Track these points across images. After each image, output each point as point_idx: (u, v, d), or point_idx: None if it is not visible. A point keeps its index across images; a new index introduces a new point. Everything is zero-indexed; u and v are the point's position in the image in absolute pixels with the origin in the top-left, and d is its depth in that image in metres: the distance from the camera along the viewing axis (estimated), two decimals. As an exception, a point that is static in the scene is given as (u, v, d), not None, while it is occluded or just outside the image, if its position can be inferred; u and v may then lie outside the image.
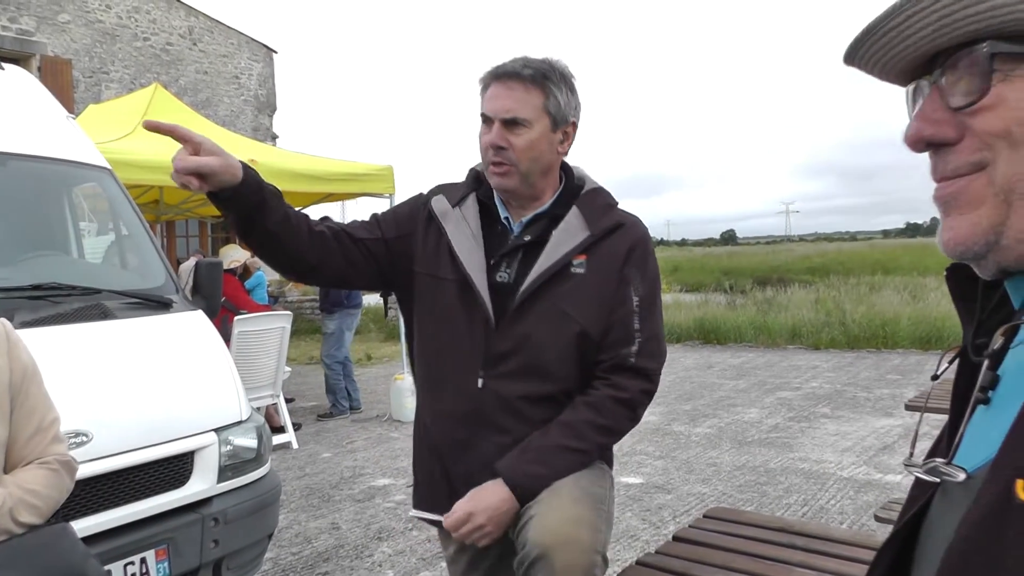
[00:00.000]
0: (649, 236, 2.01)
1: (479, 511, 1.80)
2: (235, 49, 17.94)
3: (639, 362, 1.90)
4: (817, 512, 4.73)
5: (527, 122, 1.86)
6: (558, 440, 1.84)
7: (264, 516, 3.11)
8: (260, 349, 6.42)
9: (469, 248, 1.93)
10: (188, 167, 1.65)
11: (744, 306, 15.61)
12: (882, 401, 7.87)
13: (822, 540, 2.51)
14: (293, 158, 8.06)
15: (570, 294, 1.88)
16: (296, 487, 5.53)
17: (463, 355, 1.91)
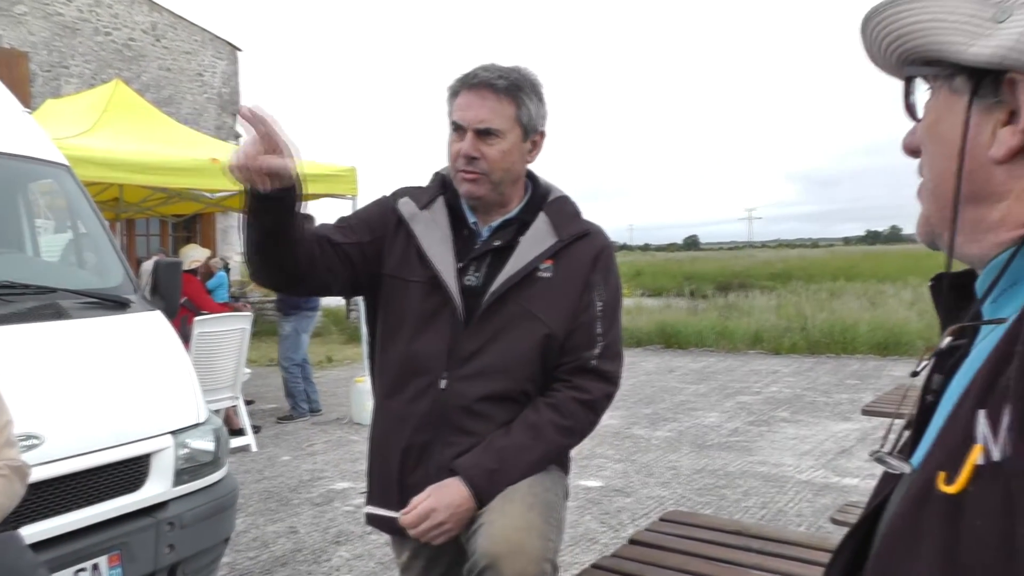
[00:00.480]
0: (612, 244, 2.07)
1: (440, 507, 1.81)
2: (199, 46, 17.73)
3: (601, 365, 1.93)
4: (775, 515, 4.79)
5: (500, 133, 1.88)
6: (519, 440, 1.86)
7: (221, 520, 3.07)
8: (220, 350, 6.35)
9: (440, 250, 1.95)
10: (272, 167, 1.65)
11: (706, 311, 15.77)
12: (841, 406, 7.99)
13: (777, 543, 2.55)
14: (256, 157, 7.98)
15: (538, 297, 1.91)
16: (254, 490, 5.48)
17: (429, 357, 1.92)
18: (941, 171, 0.76)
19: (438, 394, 1.90)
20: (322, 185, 7.89)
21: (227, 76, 18.31)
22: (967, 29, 0.71)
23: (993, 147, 0.71)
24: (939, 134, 0.77)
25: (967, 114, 0.72)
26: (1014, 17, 0.69)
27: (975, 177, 0.73)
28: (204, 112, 17.64)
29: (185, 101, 17.27)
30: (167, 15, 17.03)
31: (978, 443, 0.61)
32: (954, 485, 0.62)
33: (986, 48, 0.69)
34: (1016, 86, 0.69)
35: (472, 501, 1.82)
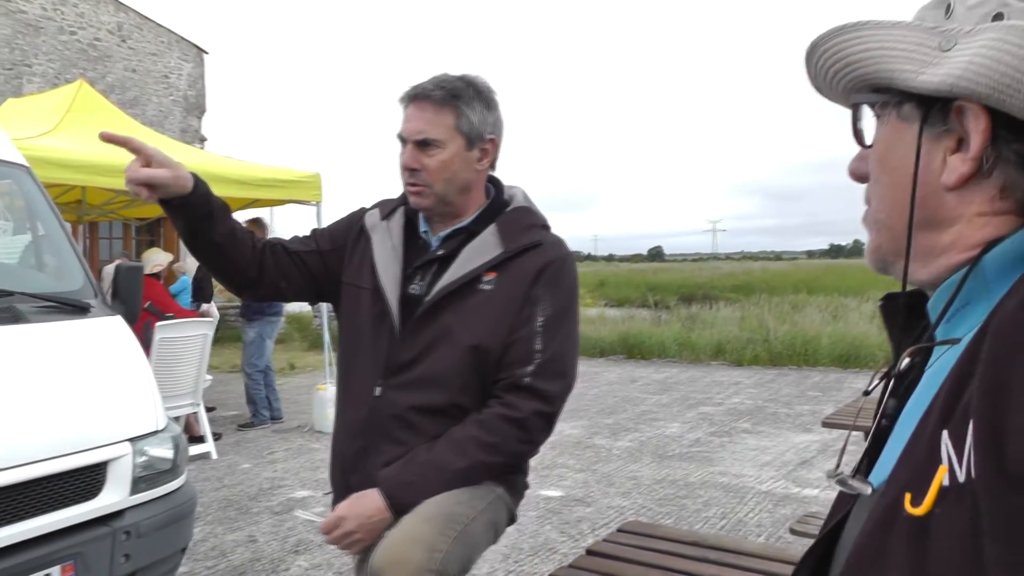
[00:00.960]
0: (568, 258, 2.01)
1: (350, 517, 1.82)
2: (165, 48, 17.54)
3: (535, 382, 1.87)
4: (735, 525, 4.82)
5: (439, 143, 1.89)
6: (440, 455, 1.84)
7: (178, 529, 3.04)
8: (181, 356, 6.28)
9: (387, 259, 1.98)
10: (139, 178, 1.74)
11: (669, 322, 15.78)
12: (802, 417, 8.05)
13: (735, 554, 2.57)
14: (220, 162, 7.92)
15: (474, 310, 1.89)
16: (214, 498, 5.42)
17: (368, 363, 1.95)
18: (893, 200, 0.78)
19: (374, 401, 1.92)
20: (286, 191, 7.86)
21: (193, 79, 18.13)
22: (915, 57, 0.73)
23: (944, 174, 0.73)
24: (890, 163, 0.78)
25: (919, 142, 0.74)
26: (959, 46, 0.70)
27: (927, 203, 0.75)
28: (169, 115, 17.44)
29: (151, 103, 17.07)
30: (133, 15, 16.83)
31: (943, 464, 0.62)
32: (920, 507, 0.62)
33: (935, 76, 0.71)
34: (964, 114, 0.70)
35: (387, 512, 1.82)
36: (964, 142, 0.71)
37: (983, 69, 0.67)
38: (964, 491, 0.59)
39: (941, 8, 0.76)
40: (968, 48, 0.69)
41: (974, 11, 0.72)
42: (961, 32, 0.71)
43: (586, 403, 8.94)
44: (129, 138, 1.75)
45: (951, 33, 0.72)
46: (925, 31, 0.74)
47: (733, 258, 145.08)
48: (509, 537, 4.54)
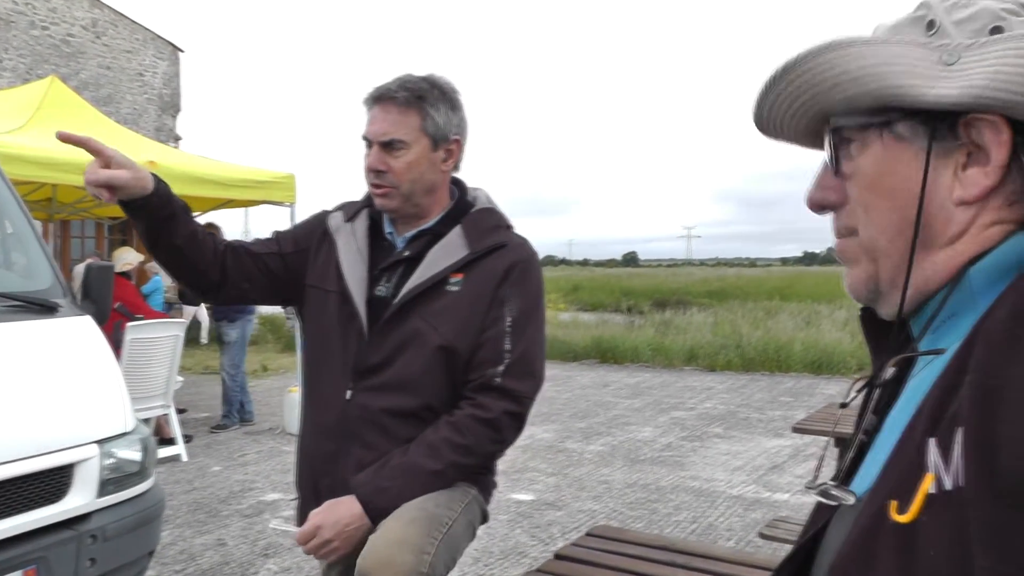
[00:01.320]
0: (534, 259, 2.02)
1: (327, 525, 1.80)
2: (140, 45, 17.37)
3: (505, 382, 1.89)
4: (706, 529, 4.85)
5: (405, 144, 1.89)
6: (415, 458, 1.84)
7: (146, 532, 3.01)
8: (152, 357, 6.22)
9: (352, 261, 1.97)
10: (98, 180, 1.71)
11: (642, 327, 15.82)
12: (774, 422, 8.11)
13: (704, 558, 2.59)
14: (194, 161, 7.87)
15: (442, 311, 1.89)
16: (183, 501, 5.37)
17: (336, 366, 1.94)
18: (894, 224, 0.75)
19: (344, 405, 1.91)
20: (260, 192, 7.82)
21: (168, 77, 17.97)
22: (920, 72, 0.70)
23: (960, 189, 0.71)
24: (886, 187, 0.75)
25: (927, 159, 0.71)
26: (964, 59, 0.69)
27: (934, 222, 0.73)
28: (144, 113, 17.27)
29: (125, 101, 16.89)
30: (108, 12, 16.65)
31: (929, 472, 0.62)
32: (907, 514, 0.62)
33: (952, 89, 0.68)
34: (978, 127, 0.69)
35: (364, 519, 1.81)
36: (974, 155, 0.70)
37: (1016, 77, 0.66)
38: (951, 499, 0.59)
39: (920, 25, 0.74)
40: (981, 60, 0.68)
41: (965, 26, 0.71)
42: (962, 46, 0.70)
43: (558, 407, 8.95)
44: (87, 138, 1.73)
45: (950, 47, 0.70)
46: (920, 46, 0.72)
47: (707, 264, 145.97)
48: (479, 541, 4.54)
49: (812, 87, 0.75)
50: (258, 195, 7.87)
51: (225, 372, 7.77)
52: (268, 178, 7.83)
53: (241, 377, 7.80)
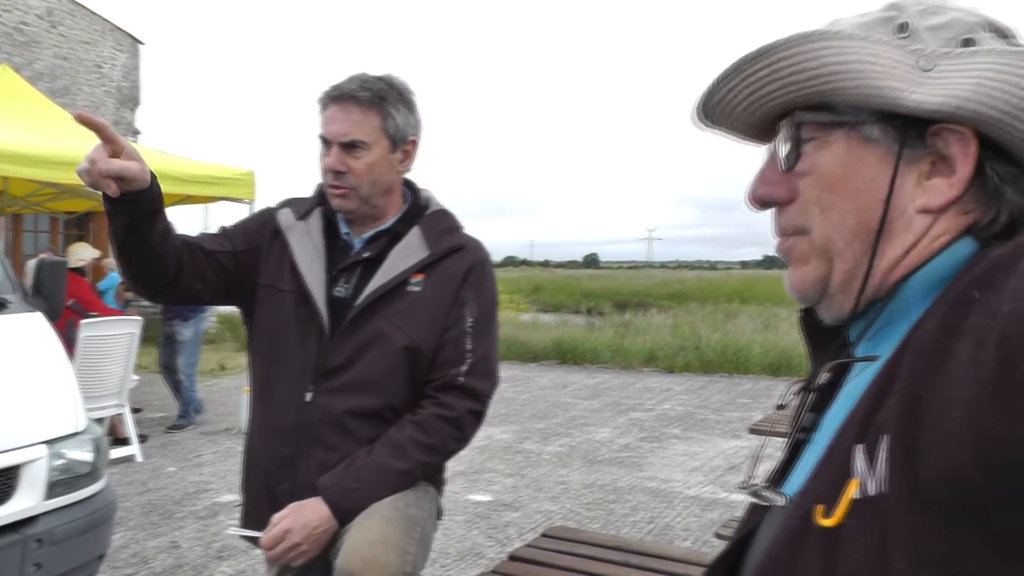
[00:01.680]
0: (489, 260, 2.05)
1: (295, 529, 1.78)
2: (99, 36, 17.06)
3: (468, 382, 1.91)
4: (663, 529, 4.89)
5: (365, 145, 1.88)
6: (381, 458, 1.83)
7: (96, 535, 2.95)
8: (106, 355, 6.11)
9: (310, 261, 1.95)
10: (111, 170, 1.61)
11: (602, 328, 15.87)
12: (732, 424, 8.17)
13: (658, 558, 2.61)
14: (153, 156, 7.75)
15: (404, 311, 1.90)
16: (137, 503, 5.29)
17: (295, 368, 1.92)
18: (853, 227, 0.73)
19: (304, 407, 1.89)
20: (219, 188, 7.74)
21: (127, 70, 17.68)
22: (899, 75, 0.69)
23: (923, 198, 0.71)
24: (850, 187, 0.73)
25: (896, 164, 0.71)
26: (941, 67, 0.69)
27: (893, 228, 0.72)
28: (102, 106, 16.97)
29: (82, 93, 16.58)
30: (65, 1, 16.35)
31: (855, 478, 0.63)
32: (831, 518, 0.64)
33: (933, 96, 0.68)
34: (946, 137, 0.69)
35: (332, 521, 1.80)
36: (938, 165, 0.70)
37: (997, 93, 0.66)
38: (875, 505, 0.60)
39: (890, 26, 0.73)
40: (960, 71, 0.68)
41: (938, 33, 0.71)
42: (937, 54, 0.69)
43: (517, 408, 8.96)
44: (104, 124, 1.63)
45: (926, 53, 0.70)
46: (897, 48, 0.70)
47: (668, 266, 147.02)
48: (436, 542, 4.52)
49: (789, 75, 0.73)
50: (217, 191, 7.80)
51: (182, 372, 7.64)
52: (228, 174, 7.76)
53: (197, 376, 7.69)
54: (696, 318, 16.59)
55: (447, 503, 5.21)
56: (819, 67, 0.70)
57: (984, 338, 0.53)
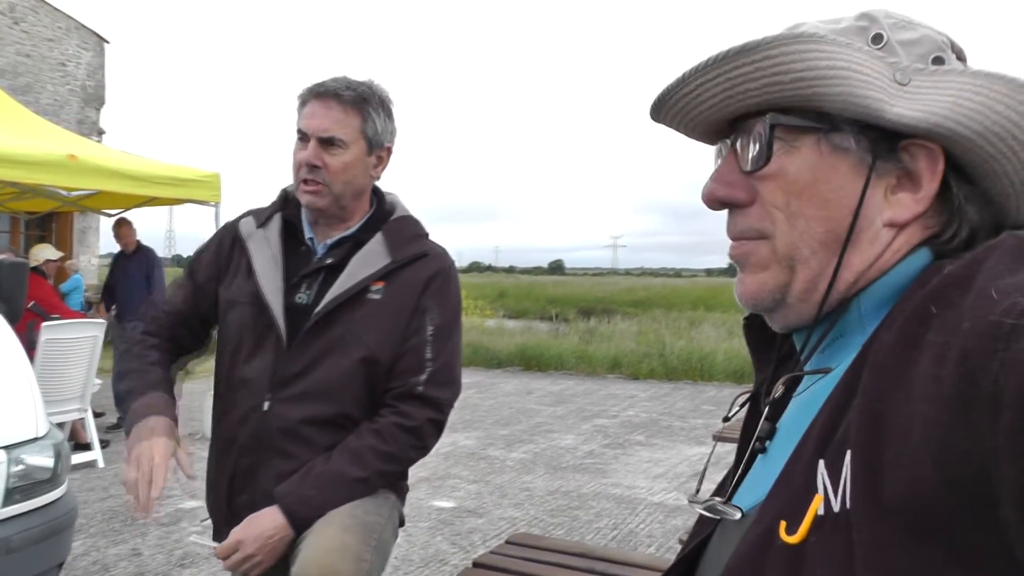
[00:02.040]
0: (453, 268, 2.04)
1: (249, 539, 1.77)
2: (63, 34, 16.80)
3: (427, 391, 1.90)
4: (627, 536, 4.91)
5: (343, 143, 1.88)
6: (339, 466, 1.83)
7: (55, 543, 2.90)
8: (68, 359, 6.02)
9: (268, 269, 1.95)
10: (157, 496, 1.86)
11: (567, 335, 15.89)
12: (696, 430, 8.23)
13: (621, 565, 2.64)
14: (117, 156, 7.66)
15: (364, 320, 1.89)
16: (98, 509, 5.23)
17: (253, 377, 1.91)
18: (820, 236, 0.73)
19: (262, 416, 1.89)
20: (184, 190, 7.66)
21: (92, 68, 17.43)
22: (881, 86, 0.69)
23: (890, 211, 0.71)
24: (819, 195, 0.72)
25: (868, 175, 0.71)
26: (915, 83, 0.69)
27: (860, 238, 0.72)
28: (66, 105, 16.71)
29: (45, 91, 16.31)
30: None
31: (818, 493, 0.63)
32: (795, 535, 0.63)
33: (912, 111, 0.68)
34: (914, 152, 0.70)
35: (288, 530, 1.78)
36: (904, 179, 0.71)
37: (974, 114, 0.67)
38: (839, 521, 0.59)
39: (865, 36, 0.72)
40: (936, 88, 0.69)
41: (911, 49, 0.71)
42: (912, 69, 0.70)
43: (481, 414, 8.97)
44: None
45: (902, 67, 0.70)
46: (878, 59, 0.70)
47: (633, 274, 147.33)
48: (399, 548, 4.54)
49: (773, 74, 0.70)
50: (182, 193, 7.71)
51: None
52: (193, 176, 7.68)
53: None
54: (661, 325, 16.64)
55: (411, 510, 5.19)
56: (805, 69, 0.69)
57: (944, 355, 0.54)
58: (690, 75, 0.75)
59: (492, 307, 26.08)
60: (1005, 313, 0.50)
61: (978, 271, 0.58)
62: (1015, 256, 0.59)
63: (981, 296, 0.54)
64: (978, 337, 0.51)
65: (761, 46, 0.70)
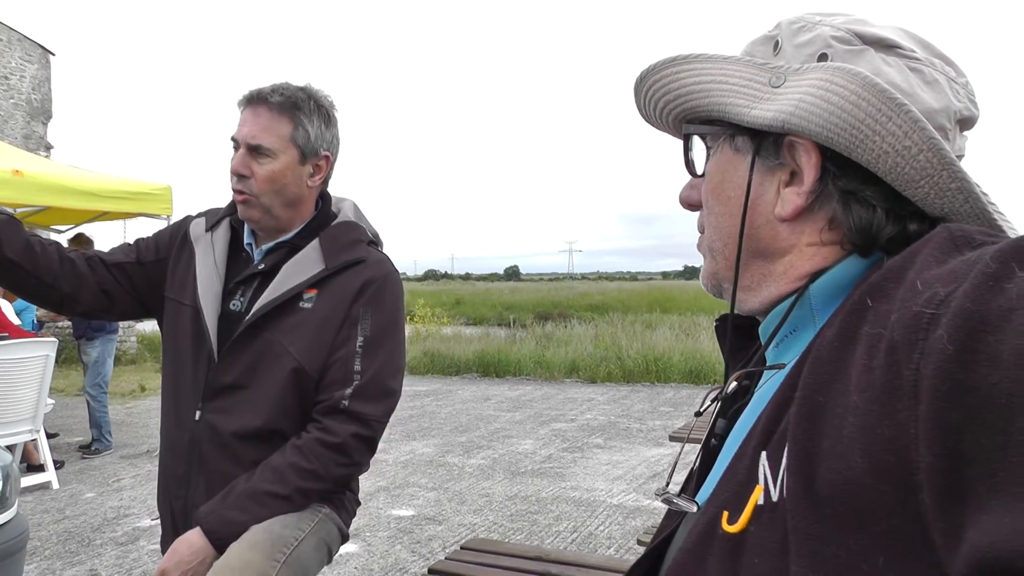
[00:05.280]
0: (391, 276, 1.95)
1: (171, 567, 1.72)
2: (5, 46, 16.45)
3: (353, 405, 1.82)
4: (586, 538, 4.93)
5: (271, 152, 1.82)
6: (260, 485, 1.77)
7: (6, 567, 2.84)
8: (19, 379, 5.90)
9: (208, 274, 1.90)
10: None
11: (524, 340, 15.82)
12: (654, 432, 8.25)
13: (577, 567, 2.67)
14: (67, 171, 7.55)
15: (293, 329, 1.83)
16: (53, 531, 5.14)
17: (188, 385, 1.87)
18: (728, 228, 0.79)
19: (193, 425, 1.85)
20: (135, 204, 7.59)
21: (38, 81, 17.09)
22: (747, 92, 0.75)
23: (778, 206, 0.75)
24: (724, 193, 0.79)
25: (750, 174, 0.76)
26: (789, 83, 0.73)
27: (761, 234, 0.77)
28: (10, 119, 16.37)
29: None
30: (-32, 13, 15.73)
31: (759, 484, 0.65)
32: (736, 524, 0.65)
33: (767, 112, 0.72)
34: (796, 149, 0.73)
35: (209, 549, 1.73)
36: (796, 175, 0.74)
37: (813, 108, 0.69)
38: (776, 510, 0.61)
39: (769, 45, 0.79)
40: (798, 86, 0.72)
41: (801, 50, 0.75)
42: (790, 70, 0.74)
43: (439, 421, 8.96)
44: None
45: (780, 70, 0.74)
46: (756, 67, 0.76)
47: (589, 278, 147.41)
48: (360, 558, 4.55)
49: (662, 96, 0.82)
50: (133, 207, 7.63)
51: (88, 393, 7.37)
52: (144, 189, 7.61)
53: (105, 397, 7.43)
54: (617, 328, 16.59)
55: (370, 519, 5.22)
56: (680, 87, 0.80)
57: (875, 345, 0.56)
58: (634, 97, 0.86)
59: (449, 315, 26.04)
60: (926, 304, 0.52)
61: (912, 263, 0.60)
62: (943, 247, 0.60)
63: (908, 288, 0.56)
64: (903, 328, 0.53)
65: (648, 74, 0.83)
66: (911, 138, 0.67)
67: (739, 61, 0.77)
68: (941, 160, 0.68)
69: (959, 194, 0.69)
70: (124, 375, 12.57)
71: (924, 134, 0.67)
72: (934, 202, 0.70)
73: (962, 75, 0.77)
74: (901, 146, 0.68)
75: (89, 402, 7.38)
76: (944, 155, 0.68)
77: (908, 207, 0.72)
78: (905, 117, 0.67)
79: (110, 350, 7.49)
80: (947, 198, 0.70)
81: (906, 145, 0.68)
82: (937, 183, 0.69)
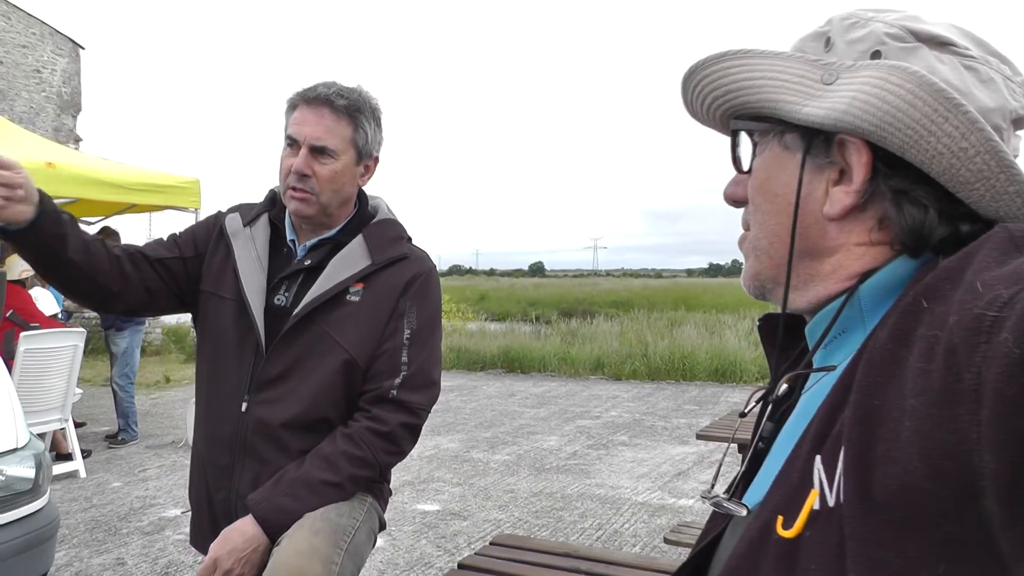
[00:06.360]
0: (433, 272, 2.02)
1: (223, 555, 1.74)
2: (37, 40, 16.66)
3: (401, 395, 1.88)
4: (611, 536, 4.92)
5: (334, 152, 1.87)
6: (312, 472, 1.81)
7: (37, 555, 2.89)
8: (48, 368, 5.97)
9: (251, 269, 1.93)
10: None
11: (549, 336, 15.85)
12: (679, 430, 8.23)
13: (606, 564, 2.65)
14: (96, 164, 7.62)
15: (342, 321, 1.87)
16: (80, 520, 5.19)
17: (233, 377, 1.90)
18: (774, 228, 0.78)
19: (239, 416, 1.88)
20: (164, 196, 7.64)
21: (68, 75, 17.29)
22: (799, 89, 0.74)
23: (827, 205, 0.74)
24: (771, 191, 0.78)
25: (801, 172, 0.75)
26: (841, 80, 0.72)
27: (810, 233, 0.76)
28: (41, 112, 16.56)
29: (20, 98, 16.16)
30: (1, 3, 15.93)
31: (814, 488, 0.64)
32: (791, 529, 0.64)
33: (819, 109, 0.71)
34: (846, 147, 0.72)
35: (261, 539, 1.77)
36: (846, 174, 0.73)
37: (867, 107, 0.68)
38: (833, 515, 0.61)
39: (821, 41, 0.77)
40: (851, 84, 0.71)
41: (853, 47, 0.74)
42: (843, 67, 0.73)
43: (464, 417, 8.97)
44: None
45: (833, 67, 0.73)
46: (808, 63, 0.75)
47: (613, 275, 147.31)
48: (385, 552, 4.54)
49: (711, 91, 0.80)
50: (162, 200, 7.68)
51: (115, 383, 7.44)
52: (172, 182, 7.65)
53: (133, 388, 7.51)
54: (642, 326, 16.57)
55: (395, 513, 5.21)
56: (730, 83, 0.78)
57: (932, 349, 0.55)
58: (681, 93, 0.85)
59: (474, 310, 26.06)
60: (988, 306, 0.51)
61: (969, 264, 0.59)
62: (1003, 248, 0.59)
63: (967, 289, 0.55)
64: (963, 331, 0.51)
65: (697, 69, 0.81)
66: (968, 139, 0.66)
67: (790, 57, 0.76)
68: (1000, 163, 0.67)
69: (1017, 197, 0.68)
70: (149, 366, 12.68)
71: (982, 135, 0.66)
72: (989, 204, 0.69)
73: (1018, 73, 0.75)
74: (957, 147, 0.66)
75: (117, 392, 7.44)
76: (1003, 158, 0.66)
77: (961, 208, 0.70)
78: (963, 118, 0.66)
79: (138, 341, 7.55)
80: (1003, 201, 0.68)
81: (963, 147, 0.66)
82: (994, 186, 0.68)
